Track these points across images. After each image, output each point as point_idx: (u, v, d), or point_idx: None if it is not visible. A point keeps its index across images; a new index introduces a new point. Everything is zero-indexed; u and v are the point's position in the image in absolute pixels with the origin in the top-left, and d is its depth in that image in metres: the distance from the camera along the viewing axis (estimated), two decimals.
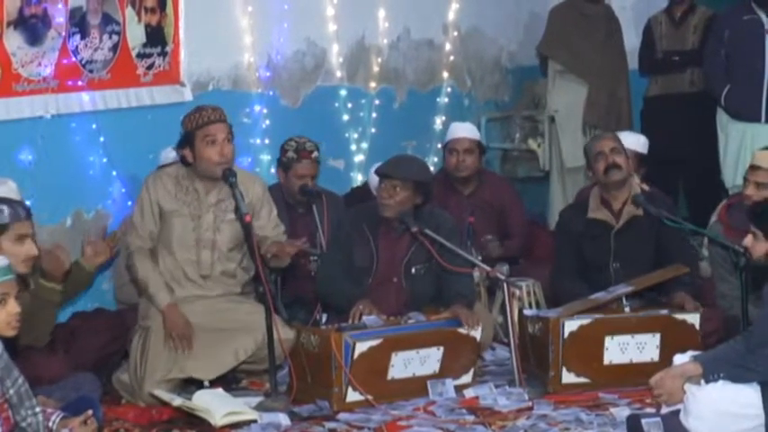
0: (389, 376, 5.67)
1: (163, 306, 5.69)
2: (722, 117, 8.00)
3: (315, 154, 6.66)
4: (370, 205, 6.19)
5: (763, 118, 7.75)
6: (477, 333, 5.82)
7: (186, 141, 5.76)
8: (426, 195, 6.08)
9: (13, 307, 4.29)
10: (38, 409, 4.33)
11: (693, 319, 5.86)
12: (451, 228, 6.11)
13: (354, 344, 5.55)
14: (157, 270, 5.78)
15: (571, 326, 5.75)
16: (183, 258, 5.81)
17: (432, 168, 8.39)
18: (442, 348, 5.75)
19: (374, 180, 6.44)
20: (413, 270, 6.07)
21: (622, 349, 5.83)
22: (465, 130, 7.26)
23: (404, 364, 5.69)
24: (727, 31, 7.89)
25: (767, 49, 7.73)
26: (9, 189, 5.33)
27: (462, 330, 5.79)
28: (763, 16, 7.76)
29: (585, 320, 5.78)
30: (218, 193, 5.83)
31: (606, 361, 5.84)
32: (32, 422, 4.30)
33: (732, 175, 7.86)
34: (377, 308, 5.86)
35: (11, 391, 4.24)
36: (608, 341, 5.81)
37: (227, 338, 5.70)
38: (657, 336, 5.81)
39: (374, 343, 5.59)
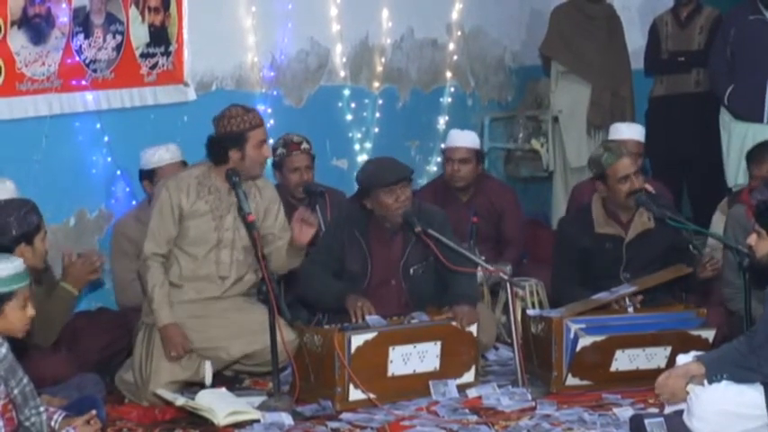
0: (390, 372, 5.68)
1: (161, 325, 5.64)
2: (725, 116, 7.99)
3: (304, 145, 6.65)
4: (358, 209, 6.11)
5: (766, 118, 7.74)
6: (473, 328, 5.82)
7: (236, 141, 5.70)
8: None
9: (30, 311, 4.38)
10: (41, 409, 4.35)
11: (708, 334, 5.84)
12: (442, 222, 6.05)
13: (350, 338, 5.56)
14: (166, 284, 5.71)
15: (585, 341, 5.73)
16: (204, 258, 5.78)
17: (434, 169, 8.45)
18: (439, 343, 5.75)
19: None
20: (411, 271, 6.06)
21: (631, 359, 5.83)
22: (462, 139, 7.12)
23: (403, 360, 5.68)
24: (732, 30, 7.88)
25: None
26: (7, 189, 5.34)
27: (457, 324, 5.79)
28: None
29: (599, 337, 5.75)
30: None
31: (613, 368, 5.84)
32: (36, 422, 4.32)
33: (734, 175, 7.86)
34: (374, 305, 5.84)
35: (15, 392, 4.25)
36: (618, 353, 5.81)
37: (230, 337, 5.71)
38: (669, 348, 5.81)
39: (369, 337, 5.60)
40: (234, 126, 5.71)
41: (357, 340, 5.57)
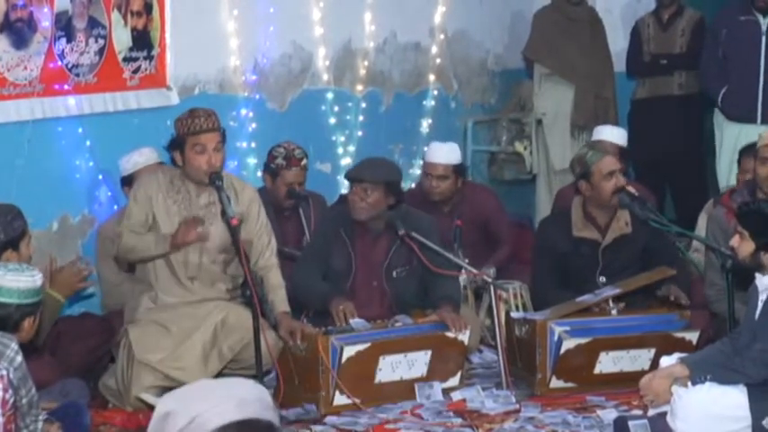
0: (377, 380, 5.67)
1: (164, 238, 5.66)
2: (718, 117, 7.99)
3: (304, 161, 6.62)
4: (346, 208, 6.14)
5: (759, 119, 7.75)
6: (464, 337, 5.81)
7: (177, 144, 5.74)
8: (398, 195, 6.06)
9: (37, 320, 4.44)
10: (41, 417, 4.33)
11: (692, 336, 5.86)
12: (429, 227, 6.06)
13: (342, 348, 5.54)
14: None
15: (569, 344, 5.75)
16: (173, 258, 5.77)
17: (418, 172, 8.43)
18: (429, 352, 5.75)
19: None
20: (394, 273, 6.05)
21: (615, 361, 5.84)
22: (440, 155, 6.95)
23: (391, 368, 5.68)
24: (723, 31, 7.89)
25: (762, 51, 7.74)
26: None
27: (450, 334, 5.78)
28: (760, 18, 7.77)
29: (583, 340, 5.76)
30: (209, 196, 5.79)
31: (597, 371, 5.85)
32: (34, 429, 4.30)
33: (726, 175, 7.86)
34: (356, 307, 5.84)
35: (24, 401, 4.23)
36: (602, 355, 5.82)
37: (213, 342, 5.68)
38: (653, 350, 5.82)
39: (362, 347, 5.59)
40: (177, 129, 5.74)
41: (349, 351, 5.54)
